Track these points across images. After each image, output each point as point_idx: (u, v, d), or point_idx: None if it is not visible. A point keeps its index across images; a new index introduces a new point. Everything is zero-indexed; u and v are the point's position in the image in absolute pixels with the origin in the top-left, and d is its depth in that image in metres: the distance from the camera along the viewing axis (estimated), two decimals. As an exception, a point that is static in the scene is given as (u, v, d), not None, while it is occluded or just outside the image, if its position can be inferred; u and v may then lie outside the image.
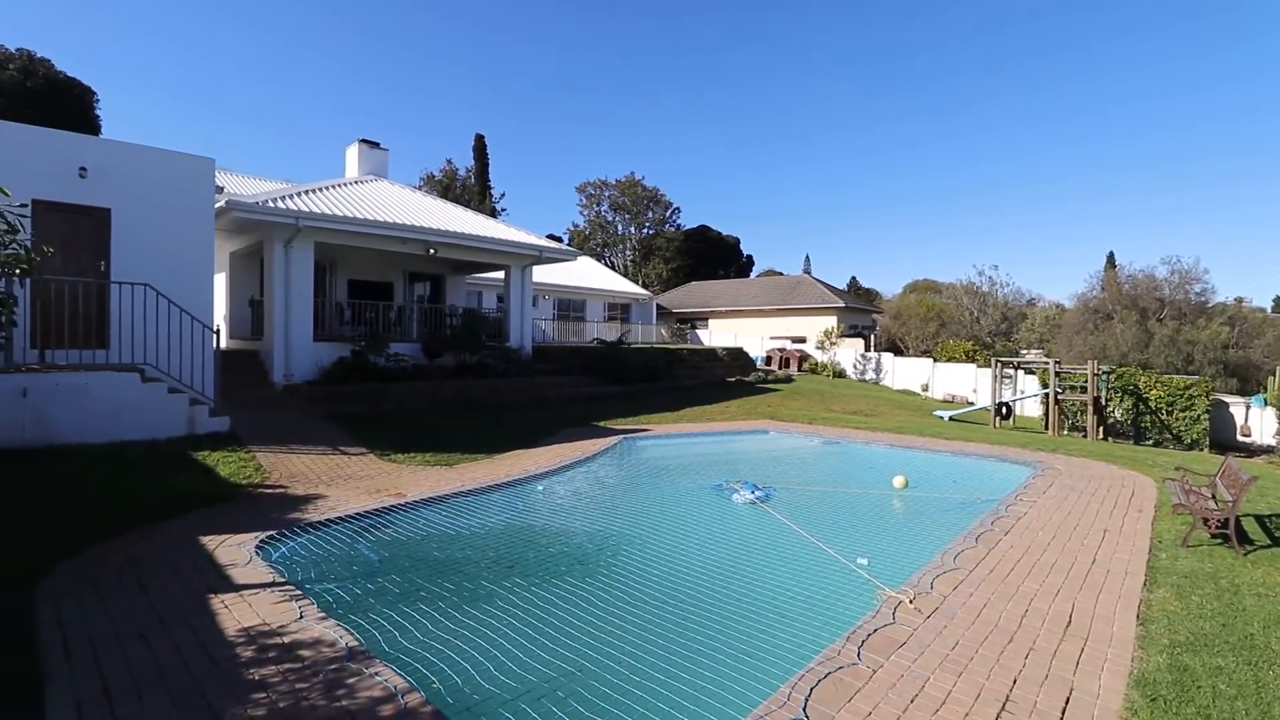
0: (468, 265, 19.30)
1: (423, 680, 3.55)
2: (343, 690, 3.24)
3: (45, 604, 4.21)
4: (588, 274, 34.98)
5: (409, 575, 5.36)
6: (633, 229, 60.90)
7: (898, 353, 36.43)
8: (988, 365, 24.56)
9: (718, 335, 37.22)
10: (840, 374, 30.50)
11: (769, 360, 30.96)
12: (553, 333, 29.87)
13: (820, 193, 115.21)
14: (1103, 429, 18.33)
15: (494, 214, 47.40)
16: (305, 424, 10.86)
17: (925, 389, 28.40)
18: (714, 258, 63.39)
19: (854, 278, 74.58)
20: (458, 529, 6.69)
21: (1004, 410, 19.64)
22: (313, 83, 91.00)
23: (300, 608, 4.25)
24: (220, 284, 15.89)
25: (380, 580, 5.19)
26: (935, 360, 29.93)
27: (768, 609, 4.86)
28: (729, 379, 22.62)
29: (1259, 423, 18.75)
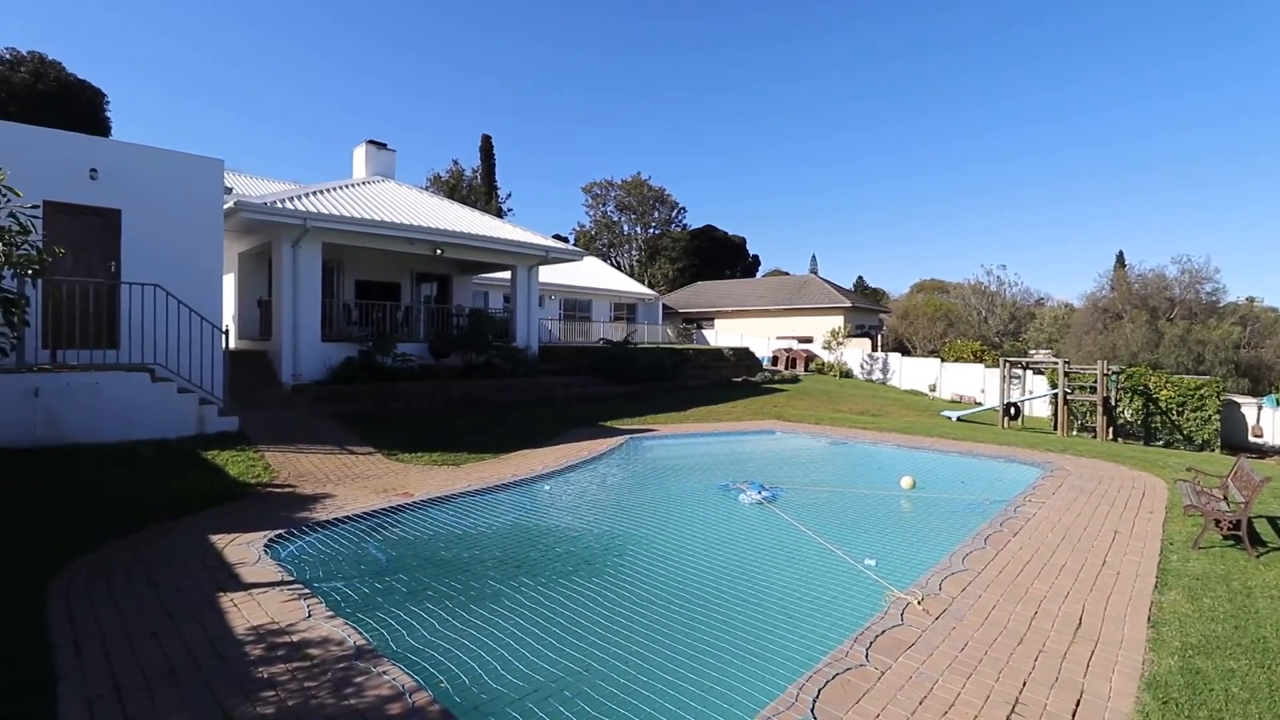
0: (474, 265, 19.36)
1: (430, 679, 3.57)
2: (351, 689, 3.26)
3: (57, 602, 4.25)
4: (594, 274, 35.02)
5: (416, 574, 5.38)
6: (639, 229, 60.93)
7: (905, 353, 36.29)
8: (996, 365, 24.44)
9: (724, 335, 37.16)
10: (847, 374, 30.40)
11: (775, 360, 30.89)
12: (559, 333, 29.92)
13: (827, 192, 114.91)
14: (1112, 430, 18.21)
15: (500, 214, 47.50)
16: (313, 423, 10.92)
17: (933, 389, 28.27)
18: (720, 257, 63.28)
19: (860, 277, 74.44)
20: (465, 528, 6.71)
21: (1012, 410, 19.54)
22: (320, 84, 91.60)
23: (309, 606, 4.27)
24: (229, 284, 15.99)
25: (388, 579, 5.22)
26: (943, 360, 29.80)
27: (775, 610, 4.84)
28: (735, 379, 22.59)
29: (1271, 423, 18.59)
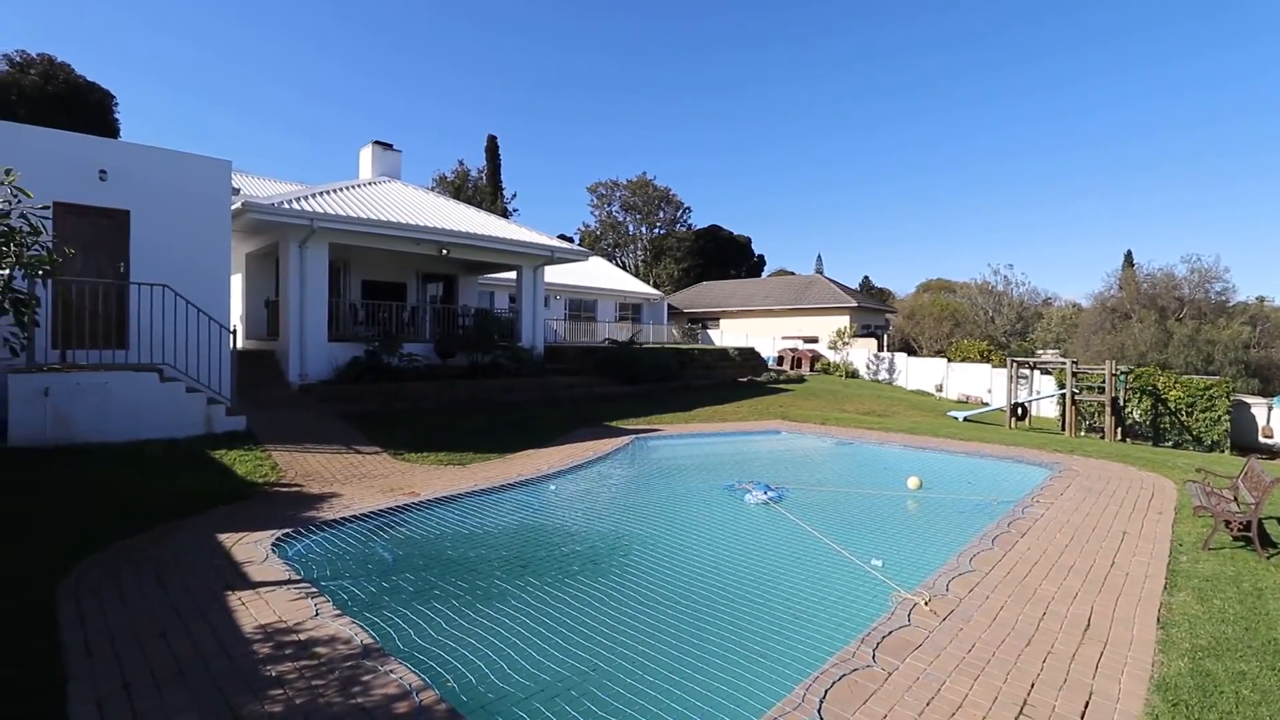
0: (480, 265, 19.41)
1: (437, 678, 3.57)
2: (358, 687, 3.27)
3: (67, 601, 4.28)
4: (599, 274, 35.06)
5: (423, 574, 5.39)
6: (644, 229, 60.97)
7: (911, 353, 36.16)
8: (1003, 365, 24.31)
9: (729, 335, 37.14)
10: (853, 374, 30.31)
11: (781, 360, 30.83)
12: (564, 333, 29.96)
13: (829, 192, 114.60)
14: (1121, 430, 18.09)
15: (506, 214, 47.61)
16: (320, 423, 10.96)
17: (939, 389, 28.17)
18: (725, 257, 63.20)
19: (866, 277, 74.10)
20: (471, 528, 6.72)
21: (1019, 411, 19.44)
22: (321, 83, 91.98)
23: (316, 605, 4.29)
24: (236, 285, 16.09)
25: (395, 578, 5.23)
26: (949, 360, 29.68)
27: (781, 610, 4.83)
28: (741, 379, 22.55)
29: (1282, 424, 18.41)
